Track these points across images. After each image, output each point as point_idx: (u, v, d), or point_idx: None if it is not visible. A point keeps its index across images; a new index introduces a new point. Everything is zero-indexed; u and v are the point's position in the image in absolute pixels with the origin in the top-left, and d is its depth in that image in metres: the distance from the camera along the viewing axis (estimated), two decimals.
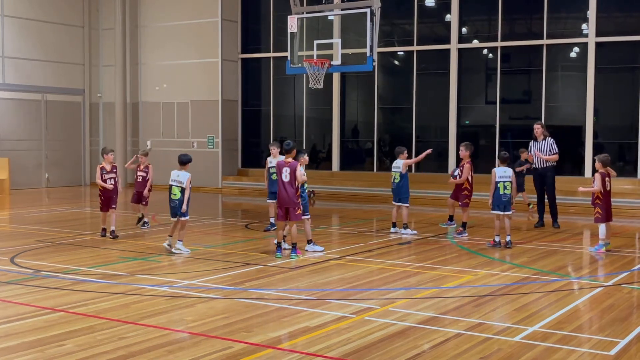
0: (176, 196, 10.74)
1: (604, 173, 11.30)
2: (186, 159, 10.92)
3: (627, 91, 18.95)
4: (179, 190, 10.72)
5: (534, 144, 14.29)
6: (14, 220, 15.65)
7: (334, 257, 10.65)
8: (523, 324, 6.91)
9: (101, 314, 7.23)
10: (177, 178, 10.76)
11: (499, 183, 11.55)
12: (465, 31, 20.82)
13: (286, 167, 10.49)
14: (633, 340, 6.46)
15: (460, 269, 9.85)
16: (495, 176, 11.59)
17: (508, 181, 11.53)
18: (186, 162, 10.88)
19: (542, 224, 14.44)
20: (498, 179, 11.55)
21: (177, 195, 10.73)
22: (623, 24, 19.44)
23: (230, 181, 23.13)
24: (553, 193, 14.26)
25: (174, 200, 10.79)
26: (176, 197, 10.74)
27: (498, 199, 11.57)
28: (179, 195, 10.72)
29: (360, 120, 23.02)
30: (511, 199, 11.83)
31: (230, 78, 23.47)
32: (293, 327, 6.82)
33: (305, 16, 15.99)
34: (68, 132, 24.87)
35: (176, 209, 10.79)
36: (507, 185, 11.52)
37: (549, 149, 14.02)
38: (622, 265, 10.33)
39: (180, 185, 10.72)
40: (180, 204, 10.72)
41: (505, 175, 11.55)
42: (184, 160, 10.89)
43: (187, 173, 10.80)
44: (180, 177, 10.74)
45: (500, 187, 11.54)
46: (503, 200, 11.54)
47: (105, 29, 25.12)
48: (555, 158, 14.06)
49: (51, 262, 10.11)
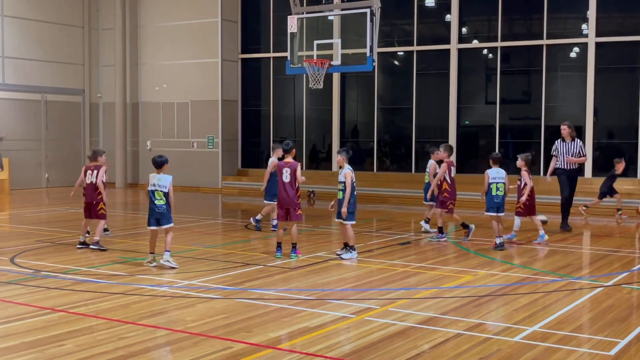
0: (161, 201, 9.75)
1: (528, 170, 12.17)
2: (161, 160, 9.93)
3: (627, 91, 18.95)
4: (164, 195, 9.76)
5: (560, 144, 13.93)
6: (13, 220, 15.65)
7: (334, 257, 10.65)
8: (523, 324, 6.91)
9: (101, 314, 7.23)
10: (158, 182, 9.76)
11: (491, 184, 11.51)
12: (465, 31, 20.83)
13: (286, 167, 10.48)
14: (633, 340, 6.46)
15: (460, 269, 9.85)
16: (488, 177, 11.53)
17: (501, 182, 11.48)
18: (162, 164, 9.89)
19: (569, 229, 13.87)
20: (491, 180, 11.51)
21: (163, 200, 9.74)
22: (623, 24, 19.44)
23: (230, 181, 23.13)
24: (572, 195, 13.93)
25: (159, 206, 9.77)
26: (161, 202, 9.75)
27: (491, 200, 11.53)
28: (164, 201, 9.75)
29: (360, 120, 23.02)
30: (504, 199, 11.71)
31: (230, 78, 23.47)
32: (293, 327, 6.82)
33: (305, 16, 16.00)
34: (68, 132, 24.87)
35: (162, 216, 9.80)
36: (499, 187, 11.48)
37: (578, 151, 13.71)
38: (622, 265, 10.34)
39: (163, 189, 9.75)
40: (166, 210, 9.80)
41: (498, 176, 11.52)
42: (160, 162, 9.90)
43: (169, 176, 9.84)
44: (162, 180, 9.77)
45: (492, 189, 11.50)
46: (496, 202, 11.49)
47: (105, 29, 25.12)
48: (584, 160, 13.72)
49: (51, 262, 10.11)
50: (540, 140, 19.41)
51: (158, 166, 9.88)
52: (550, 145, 14.53)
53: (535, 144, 19.64)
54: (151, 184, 9.81)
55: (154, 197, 9.77)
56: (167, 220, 9.83)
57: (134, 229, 13.95)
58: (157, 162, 9.91)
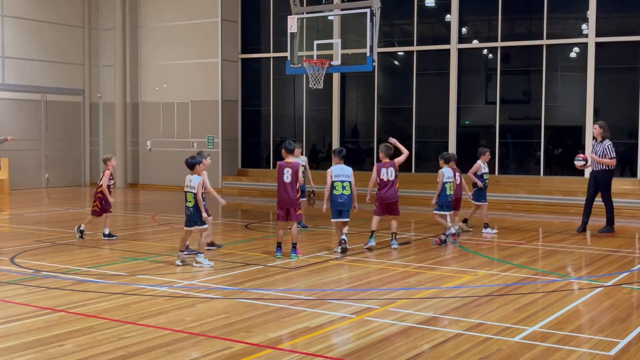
0: (190, 203, 9.86)
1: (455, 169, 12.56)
2: (193, 162, 9.96)
3: (627, 91, 18.95)
4: (193, 197, 9.85)
5: (596, 143, 13.79)
6: (13, 220, 15.65)
7: (334, 257, 10.65)
8: (523, 324, 6.91)
9: (101, 314, 7.23)
10: (189, 184, 9.89)
11: (446, 184, 11.87)
12: (465, 31, 20.83)
13: (287, 167, 10.47)
14: (633, 340, 6.46)
15: (460, 269, 9.85)
16: (443, 177, 11.89)
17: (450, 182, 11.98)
18: (193, 165, 9.93)
19: (583, 229, 13.72)
20: (446, 179, 11.89)
21: (192, 202, 9.85)
22: (623, 24, 19.44)
23: (230, 181, 23.13)
24: (608, 196, 13.65)
25: (188, 207, 9.90)
26: (190, 204, 9.86)
27: (444, 198, 11.90)
28: (192, 203, 9.84)
29: (360, 120, 23.03)
30: None
31: (230, 78, 23.47)
32: (293, 327, 6.82)
33: (305, 16, 15.99)
34: (68, 132, 24.87)
35: (190, 218, 9.89)
36: (451, 187, 11.96)
37: (605, 152, 13.54)
38: (622, 265, 10.34)
39: (192, 190, 9.86)
40: (194, 212, 9.86)
41: (451, 176, 11.97)
42: (191, 163, 9.95)
43: (199, 177, 9.91)
44: (192, 181, 9.87)
45: (447, 188, 11.89)
46: (448, 201, 11.92)
47: (105, 29, 25.12)
48: (608, 162, 13.45)
49: (51, 262, 10.11)
50: (540, 140, 19.41)
51: (190, 167, 9.96)
52: (550, 145, 14.55)
53: (535, 144, 19.65)
54: (185, 185, 10.00)
55: (186, 198, 9.95)
56: (195, 222, 9.89)
57: (134, 229, 13.95)
58: (189, 163, 9.98)
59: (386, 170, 11.24)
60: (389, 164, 11.27)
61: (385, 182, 11.21)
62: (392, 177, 11.24)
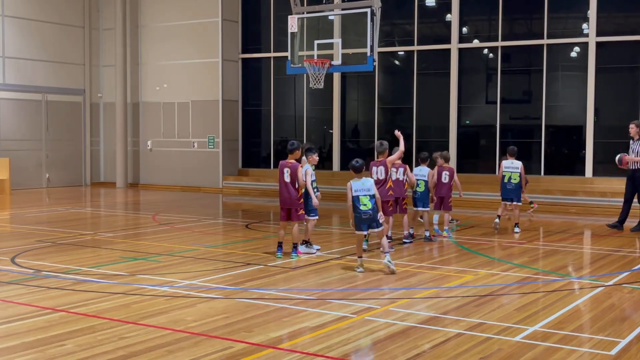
0: (367, 206, 9.42)
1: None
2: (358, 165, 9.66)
3: (627, 91, 18.95)
4: (368, 200, 9.43)
5: (633, 142, 13.79)
6: (14, 220, 15.65)
7: (334, 257, 10.65)
8: (523, 324, 6.91)
9: (102, 314, 7.23)
10: (361, 187, 9.47)
11: (419, 180, 12.51)
12: (466, 31, 20.83)
13: (287, 167, 10.48)
14: (633, 340, 6.46)
15: (460, 268, 9.85)
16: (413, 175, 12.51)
17: (423, 179, 12.50)
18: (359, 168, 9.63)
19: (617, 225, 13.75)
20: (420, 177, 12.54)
21: (368, 205, 9.41)
22: (623, 24, 19.44)
23: (230, 181, 23.14)
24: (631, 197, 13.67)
25: (365, 211, 9.43)
26: (367, 207, 9.41)
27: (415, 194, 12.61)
28: (369, 205, 9.41)
29: (360, 120, 23.02)
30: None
31: (230, 78, 23.47)
32: (293, 327, 6.82)
33: (305, 16, 15.98)
34: (68, 132, 24.88)
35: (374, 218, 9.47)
36: (420, 184, 12.50)
37: (638, 150, 13.56)
38: (623, 265, 10.33)
39: (368, 193, 9.44)
40: (374, 212, 9.43)
41: (420, 174, 12.55)
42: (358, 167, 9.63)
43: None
44: (365, 184, 9.50)
45: (421, 184, 12.50)
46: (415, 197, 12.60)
47: (105, 29, 25.13)
48: None
49: (52, 262, 10.11)
50: (540, 140, 19.41)
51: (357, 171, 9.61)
52: (550, 145, 14.54)
53: (535, 144, 19.64)
54: (357, 190, 9.60)
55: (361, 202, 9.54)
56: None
57: (135, 229, 13.95)
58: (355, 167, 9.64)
59: (377, 169, 11.14)
60: (380, 162, 11.17)
61: (376, 181, 11.08)
62: (382, 176, 11.09)
